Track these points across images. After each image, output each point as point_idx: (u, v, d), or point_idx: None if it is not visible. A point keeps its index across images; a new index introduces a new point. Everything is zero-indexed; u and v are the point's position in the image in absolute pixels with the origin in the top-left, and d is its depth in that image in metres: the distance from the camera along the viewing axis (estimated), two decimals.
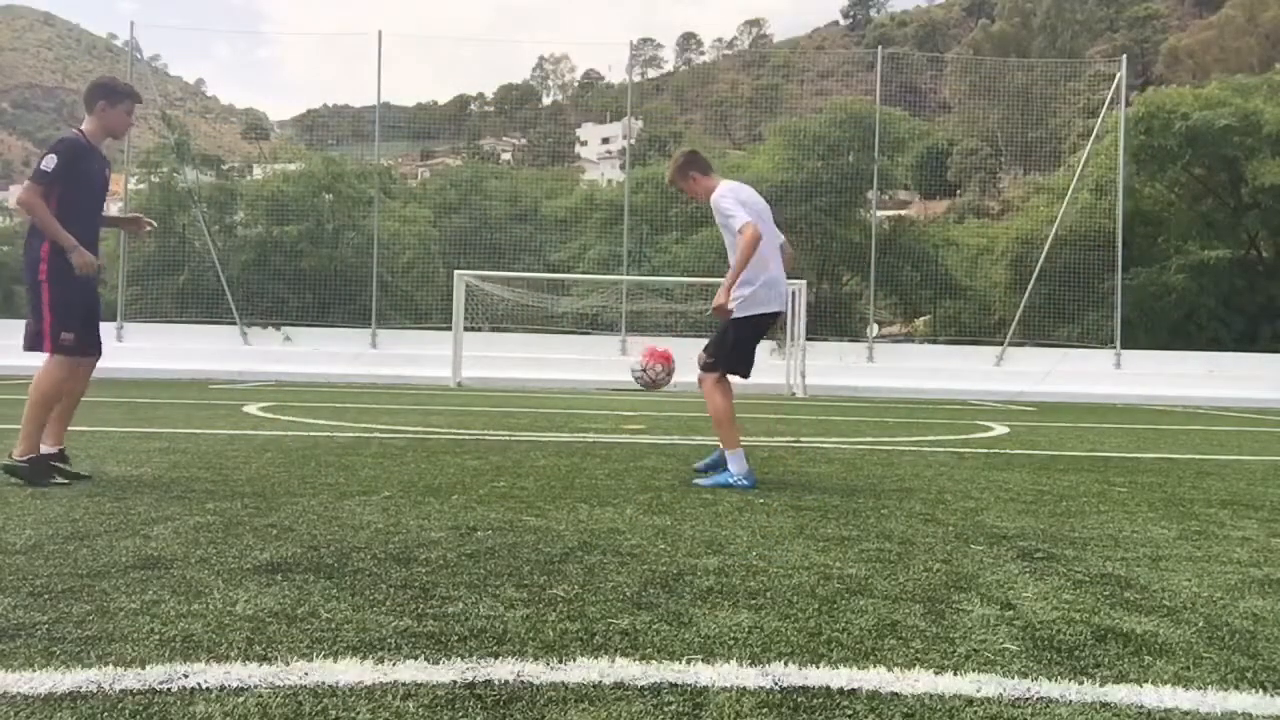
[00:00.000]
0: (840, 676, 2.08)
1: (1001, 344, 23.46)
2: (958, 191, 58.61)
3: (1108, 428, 11.46)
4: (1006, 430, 10.49)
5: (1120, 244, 23.16)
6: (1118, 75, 23.75)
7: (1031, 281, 23.37)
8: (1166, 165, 25.34)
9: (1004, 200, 44.18)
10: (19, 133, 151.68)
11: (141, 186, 26.94)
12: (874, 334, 24.72)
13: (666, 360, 6.11)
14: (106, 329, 23.63)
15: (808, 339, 20.04)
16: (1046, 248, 23.32)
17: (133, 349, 22.06)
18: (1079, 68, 42.93)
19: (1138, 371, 22.14)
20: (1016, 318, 23.50)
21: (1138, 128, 24.49)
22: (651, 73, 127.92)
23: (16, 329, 5.12)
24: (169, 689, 1.93)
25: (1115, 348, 22.77)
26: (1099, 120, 24.47)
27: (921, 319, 30.22)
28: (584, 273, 25.15)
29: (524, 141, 70.97)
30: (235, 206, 27.09)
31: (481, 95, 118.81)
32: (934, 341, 26.66)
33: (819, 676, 2.08)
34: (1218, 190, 26.27)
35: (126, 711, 1.81)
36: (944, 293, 26.76)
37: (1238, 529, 4.25)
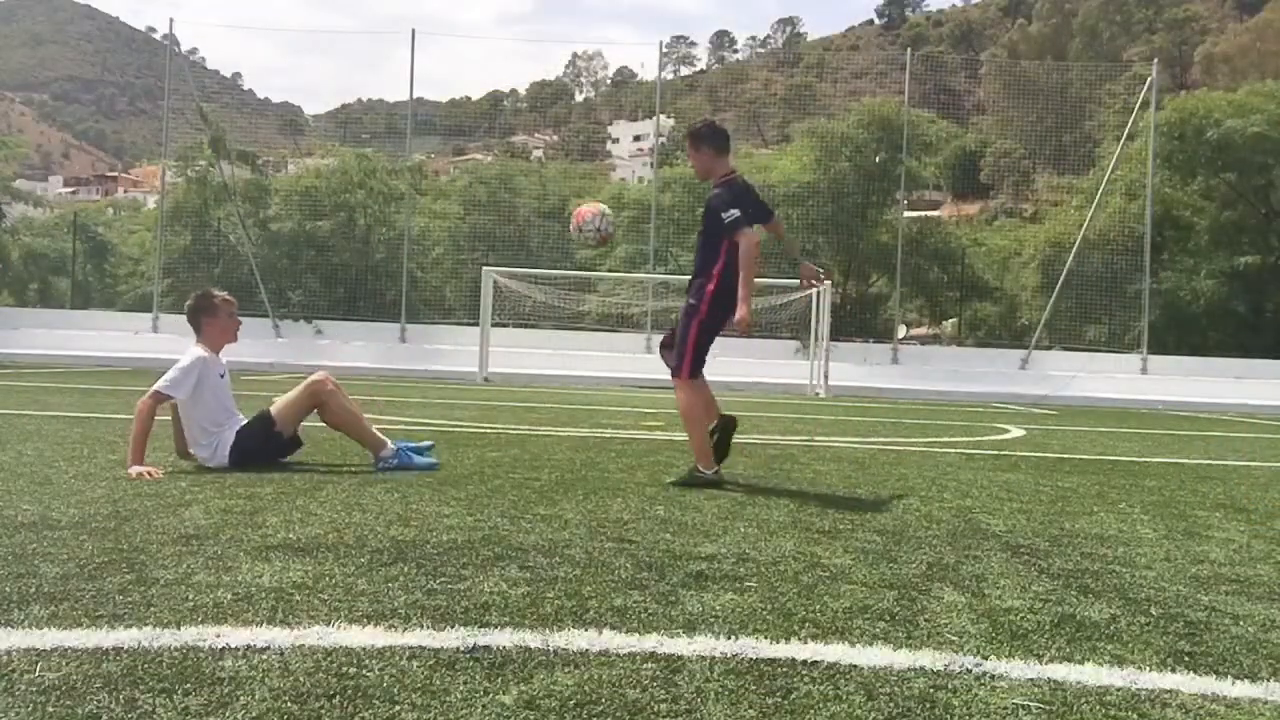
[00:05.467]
0: (806, 650, 2.28)
1: (1028, 347, 23.46)
2: (991, 193, 58.28)
3: (1125, 432, 11.53)
4: (1022, 433, 10.59)
5: (1149, 248, 23.10)
6: (1149, 79, 23.67)
7: (1059, 284, 23.35)
8: (1197, 170, 25.25)
9: (1037, 202, 43.97)
10: (59, 124, 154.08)
11: (178, 180, 27.48)
12: (902, 335, 24.78)
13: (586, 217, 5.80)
14: (144, 319, 23.96)
15: (832, 340, 20.16)
16: (1075, 251, 23.30)
17: (169, 339, 22.56)
18: (1114, 70, 42.59)
19: (1165, 376, 22.06)
20: (1043, 320, 23.49)
21: (1169, 133, 24.40)
22: (685, 70, 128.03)
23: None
24: (201, 646, 2.16)
25: (1142, 352, 22.71)
26: (1129, 124, 24.40)
27: (949, 321, 30.21)
28: (610, 270, 25.37)
29: (556, 138, 71.38)
30: (269, 201, 27.55)
31: (515, 91, 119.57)
32: (960, 343, 26.67)
33: (786, 650, 2.28)
34: (1248, 196, 26.11)
35: (164, 663, 2.05)
36: (971, 295, 26.76)
37: (1224, 530, 4.38)
